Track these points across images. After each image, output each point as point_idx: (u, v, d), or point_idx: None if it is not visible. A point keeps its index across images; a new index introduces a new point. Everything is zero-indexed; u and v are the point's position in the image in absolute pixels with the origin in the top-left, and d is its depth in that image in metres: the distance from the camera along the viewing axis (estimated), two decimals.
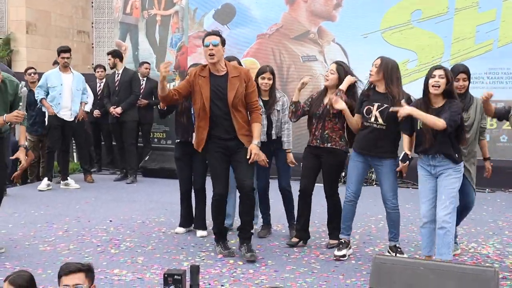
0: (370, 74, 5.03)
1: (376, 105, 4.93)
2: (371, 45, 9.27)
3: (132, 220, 6.53)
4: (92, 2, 12.46)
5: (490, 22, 8.93)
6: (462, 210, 5.06)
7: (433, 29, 9.20)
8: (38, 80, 8.56)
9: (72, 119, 8.37)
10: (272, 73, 5.71)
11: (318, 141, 5.31)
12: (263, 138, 5.57)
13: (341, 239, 5.23)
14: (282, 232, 6.08)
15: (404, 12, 9.32)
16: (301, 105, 5.43)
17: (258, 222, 6.10)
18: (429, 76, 4.54)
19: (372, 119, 4.94)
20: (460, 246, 5.43)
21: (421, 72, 9.13)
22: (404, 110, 4.49)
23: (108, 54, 9.29)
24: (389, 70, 4.93)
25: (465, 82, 4.93)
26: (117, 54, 9.11)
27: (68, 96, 8.29)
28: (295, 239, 5.56)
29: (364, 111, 4.99)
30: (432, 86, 4.48)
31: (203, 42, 4.97)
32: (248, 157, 4.96)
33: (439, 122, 4.36)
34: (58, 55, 8.34)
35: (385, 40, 9.40)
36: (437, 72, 4.49)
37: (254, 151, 4.96)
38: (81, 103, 8.50)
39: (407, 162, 4.75)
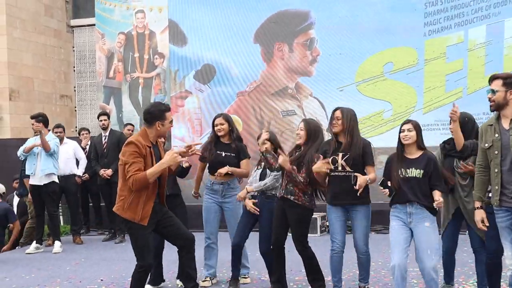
0: (333, 126, 5.19)
1: (340, 154, 5.14)
2: (347, 98, 9.74)
3: (122, 278, 6.63)
4: (74, 67, 12.81)
5: (458, 71, 9.42)
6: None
7: (405, 79, 9.65)
8: None
9: (43, 182, 8.29)
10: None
11: (283, 191, 5.36)
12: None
13: None
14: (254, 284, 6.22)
15: (376, 65, 9.79)
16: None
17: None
18: (400, 131, 4.86)
19: (340, 168, 5.13)
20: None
21: (397, 121, 9.55)
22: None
23: (103, 115, 9.47)
24: (349, 121, 5.16)
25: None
26: (109, 116, 9.51)
27: (39, 160, 8.29)
28: None
29: (330, 161, 5.14)
30: (403, 138, 4.80)
31: (165, 118, 4.80)
32: None
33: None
34: None
35: (360, 92, 9.82)
36: (405, 127, 4.82)
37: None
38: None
39: (387, 189, 4.78)
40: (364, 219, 5.23)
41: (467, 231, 5.25)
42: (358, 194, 4.94)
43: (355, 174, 4.99)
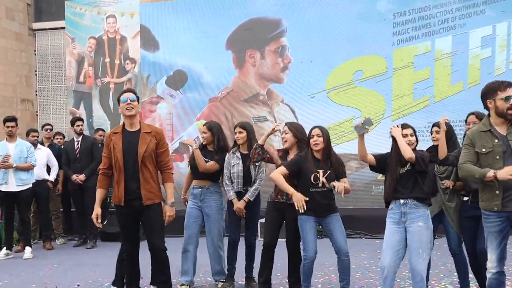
0: (316, 144, 5.29)
1: (321, 172, 5.28)
2: (318, 105, 9.93)
3: (99, 283, 6.62)
4: (36, 71, 12.61)
5: (426, 80, 9.70)
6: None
7: (374, 87, 9.87)
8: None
9: (19, 189, 8.24)
10: (243, 127, 6.04)
11: (284, 197, 5.58)
12: (238, 189, 5.93)
13: None
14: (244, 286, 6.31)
15: (346, 73, 9.98)
16: (265, 150, 5.72)
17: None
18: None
19: (320, 185, 5.27)
20: None
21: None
22: (394, 132, 4.80)
23: (79, 120, 9.45)
24: (327, 139, 5.34)
25: (437, 134, 5.35)
26: (83, 121, 9.47)
27: (12, 170, 8.21)
28: None
29: (312, 178, 5.28)
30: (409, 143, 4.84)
31: (118, 100, 5.13)
32: (164, 218, 5.11)
33: (409, 152, 4.69)
34: (4, 124, 8.35)
35: (331, 99, 10.00)
36: (408, 131, 4.89)
37: (169, 213, 5.12)
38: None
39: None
40: (339, 222, 5.43)
41: (446, 234, 5.46)
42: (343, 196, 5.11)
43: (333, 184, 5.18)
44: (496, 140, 4.30)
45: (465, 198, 5.10)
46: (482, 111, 4.94)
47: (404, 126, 4.95)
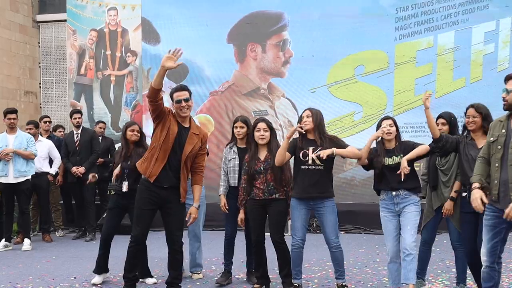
0: (305, 124, 5.33)
1: (311, 148, 5.30)
2: (319, 99, 9.88)
3: None
4: (39, 63, 12.61)
5: (427, 76, 9.66)
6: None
7: (376, 82, 9.83)
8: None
9: (17, 181, 8.22)
10: (245, 122, 5.94)
11: (265, 194, 5.53)
12: (234, 184, 5.94)
13: (295, 283, 5.54)
14: (244, 280, 6.30)
15: (348, 68, 9.94)
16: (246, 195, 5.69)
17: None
18: (380, 125, 5.17)
19: (310, 161, 5.28)
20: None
21: (367, 123, 9.73)
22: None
23: (77, 112, 9.41)
24: (318, 119, 5.38)
25: (444, 126, 5.38)
26: (82, 114, 9.45)
27: (11, 161, 8.18)
28: (257, 286, 5.81)
29: (301, 155, 5.32)
30: (387, 134, 5.12)
31: (172, 97, 5.03)
32: (186, 219, 5.19)
33: (425, 147, 5.04)
34: (4, 116, 8.30)
35: (332, 94, 9.96)
36: (387, 122, 5.15)
37: (194, 215, 5.19)
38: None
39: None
40: (332, 213, 5.39)
41: (447, 228, 5.45)
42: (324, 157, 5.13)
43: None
44: (503, 131, 4.30)
45: (464, 194, 5.05)
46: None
47: (385, 117, 5.24)
